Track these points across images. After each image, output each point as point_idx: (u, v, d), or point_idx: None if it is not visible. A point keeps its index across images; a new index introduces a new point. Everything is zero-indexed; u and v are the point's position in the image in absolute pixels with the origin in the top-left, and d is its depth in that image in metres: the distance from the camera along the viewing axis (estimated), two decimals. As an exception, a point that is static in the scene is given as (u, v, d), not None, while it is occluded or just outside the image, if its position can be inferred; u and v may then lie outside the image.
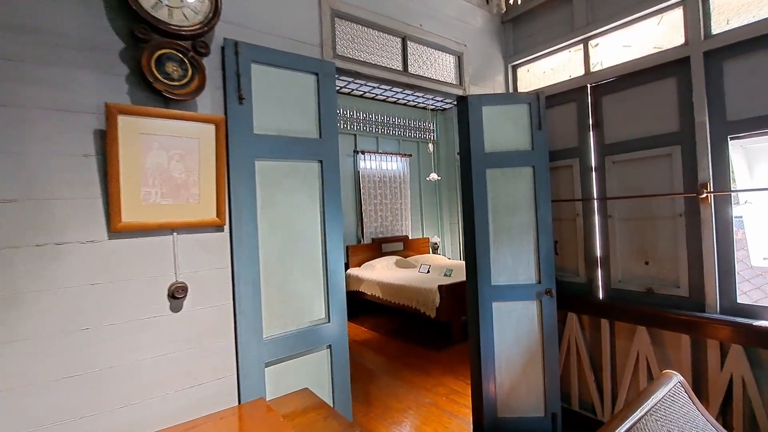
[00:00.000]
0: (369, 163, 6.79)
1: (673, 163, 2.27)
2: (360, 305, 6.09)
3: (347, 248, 6.28)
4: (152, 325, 1.53)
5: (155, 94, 1.52)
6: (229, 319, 1.70)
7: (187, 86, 1.55)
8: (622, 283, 2.54)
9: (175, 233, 1.57)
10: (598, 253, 2.65)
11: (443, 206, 7.86)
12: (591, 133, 2.67)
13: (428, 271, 5.47)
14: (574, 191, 2.78)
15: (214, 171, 1.64)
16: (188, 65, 1.56)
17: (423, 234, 7.63)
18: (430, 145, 5.58)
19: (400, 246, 6.89)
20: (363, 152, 6.69)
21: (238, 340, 1.69)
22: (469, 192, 2.69)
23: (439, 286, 4.43)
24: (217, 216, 1.65)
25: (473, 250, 2.66)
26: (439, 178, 5.58)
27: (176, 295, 1.54)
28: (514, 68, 3.14)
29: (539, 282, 2.61)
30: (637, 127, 2.44)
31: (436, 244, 7.54)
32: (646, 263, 2.43)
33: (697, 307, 2.17)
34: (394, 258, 6.32)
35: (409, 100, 7.12)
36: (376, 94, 6.73)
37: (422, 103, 7.33)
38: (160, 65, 1.50)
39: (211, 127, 1.62)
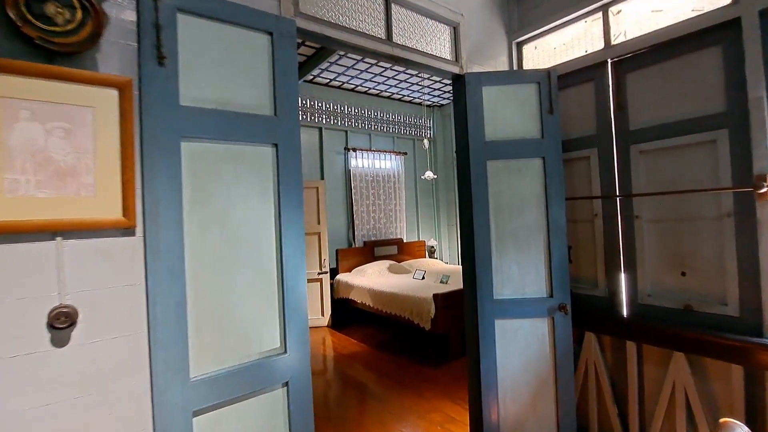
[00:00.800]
0: (361, 161, 6.36)
1: (718, 150, 1.84)
2: (350, 314, 5.66)
3: (336, 252, 5.85)
4: (25, 365, 1.09)
5: (29, 44, 1.09)
6: (142, 354, 1.26)
7: (73, 34, 1.12)
8: (651, 297, 2.11)
9: (59, 238, 1.14)
10: (622, 260, 2.21)
11: (440, 207, 7.43)
12: (613, 117, 2.24)
13: (423, 278, 5.03)
14: (591, 187, 2.35)
15: (118, 153, 1.20)
16: (77, 6, 1.13)
17: (419, 237, 7.19)
18: (426, 141, 5.17)
19: (394, 249, 6.46)
20: (355, 150, 6.26)
21: (154, 382, 1.25)
22: (467, 188, 2.25)
23: (435, 295, 4.00)
24: (124, 215, 1.21)
25: (472, 258, 2.23)
26: (435, 176, 5.17)
27: (57, 324, 1.11)
28: (519, 45, 2.71)
29: (551, 296, 2.18)
30: (670, 109, 2.01)
31: (432, 247, 7.10)
32: (683, 274, 1.99)
33: (752, 330, 1.74)
34: (387, 263, 5.89)
35: (404, 95, 6.70)
36: (369, 88, 6.31)
37: (418, 98, 6.91)
38: (36, 3, 1.08)
39: (113, 93, 1.19)
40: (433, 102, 7.18)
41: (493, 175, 2.22)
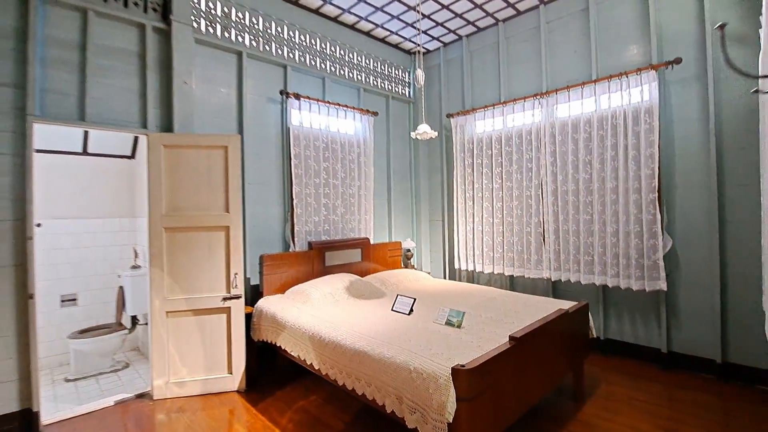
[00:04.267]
0: (309, 118, 4.04)
1: None
2: (282, 368, 3.35)
3: (261, 260, 3.50)
4: None
5: None
6: None
7: None
8: None
9: None
10: None
11: (420, 196, 5.30)
12: None
13: (411, 311, 2.85)
14: None
15: None
16: None
17: (390, 237, 5.02)
18: (419, 74, 2.98)
19: (355, 255, 4.22)
20: (299, 97, 3.93)
21: None
22: None
23: (457, 371, 1.83)
24: None
25: None
26: (435, 134, 3.01)
27: None
28: None
29: None
30: None
31: (409, 252, 4.97)
32: None
33: None
34: (345, 277, 3.63)
35: (381, 29, 4.47)
36: (326, 2, 4.01)
37: (398, 37, 4.72)
38: None
39: None
40: (420, 45, 5.01)
41: None
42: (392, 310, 2.93)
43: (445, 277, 5.05)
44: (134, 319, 4.04)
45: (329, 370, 2.46)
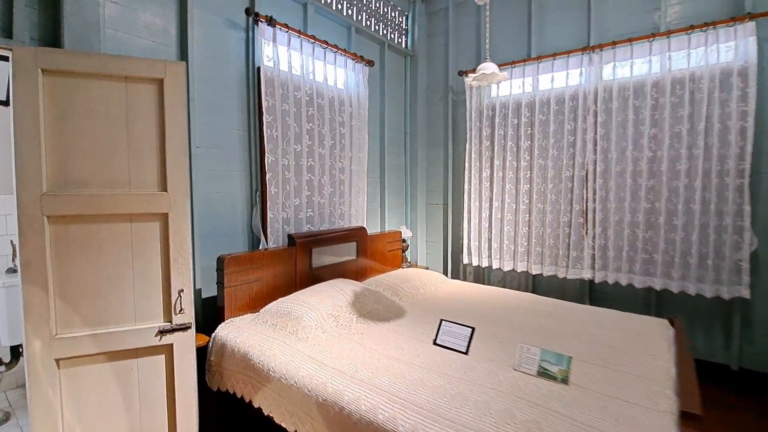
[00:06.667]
0: (288, 57, 2.81)
1: None
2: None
3: (221, 263, 2.30)
4: None
5: None
6: None
7: None
8: None
9: None
10: None
11: (416, 173, 4.29)
12: None
13: (467, 349, 1.88)
14: None
15: None
16: None
17: (384, 225, 3.98)
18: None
19: (350, 251, 3.14)
20: (273, 23, 2.68)
21: None
22: None
23: None
24: None
25: None
26: (505, 75, 1.96)
27: None
28: None
29: None
30: None
31: (405, 243, 4.00)
32: None
33: None
34: (345, 287, 2.54)
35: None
36: None
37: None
38: None
39: None
40: (422, -22, 3.90)
41: None
42: (435, 343, 1.94)
43: (446, 275, 4.15)
44: (16, 351, 2.69)
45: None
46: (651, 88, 2.95)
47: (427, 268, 4.12)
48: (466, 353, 1.85)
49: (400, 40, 4.16)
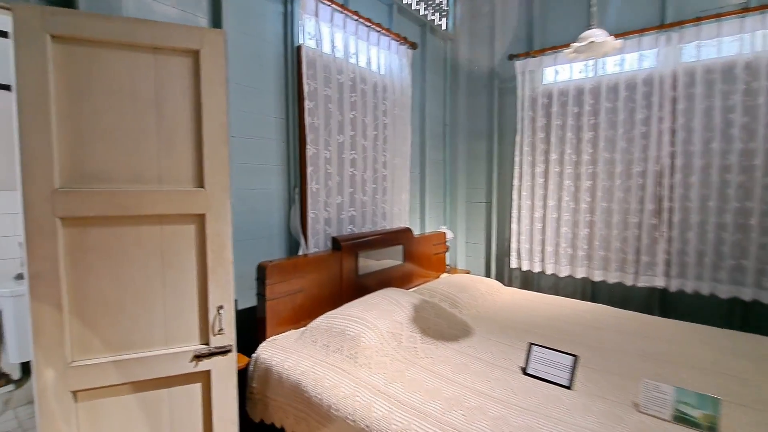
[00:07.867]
0: (328, 38, 2.46)
1: None
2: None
3: (261, 272, 1.97)
4: None
5: None
6: None
7: None
8: None
9: None
10: None
11: (458, 168, 3.93)
12: None
13: (570, 383, 1.53)
14: None
15: None
16: None
17: (424, 226, 3.63)
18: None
19: (396, 256, 2.79)
20: (313, -5, 2.33)
21: None
22: None
23: None
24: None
25: None
26: (620, 43, 1.61)
27: None
28: None
29: None
30: None
31: (447, 245, 3.65)
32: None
33: None
34: (402, 298, 2.19)
35: None
36: None
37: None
38: None
39: None
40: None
41: None
42: (526, 373, 1.60)
43: (487, 276, 3.79)
44: (27, 366, 2.42)
45: None
46: (743, 71, 2.55)
47: (468, 273, 3.76)
48: (569, 388, 1.50)
49: (440, 22, 3.79)
